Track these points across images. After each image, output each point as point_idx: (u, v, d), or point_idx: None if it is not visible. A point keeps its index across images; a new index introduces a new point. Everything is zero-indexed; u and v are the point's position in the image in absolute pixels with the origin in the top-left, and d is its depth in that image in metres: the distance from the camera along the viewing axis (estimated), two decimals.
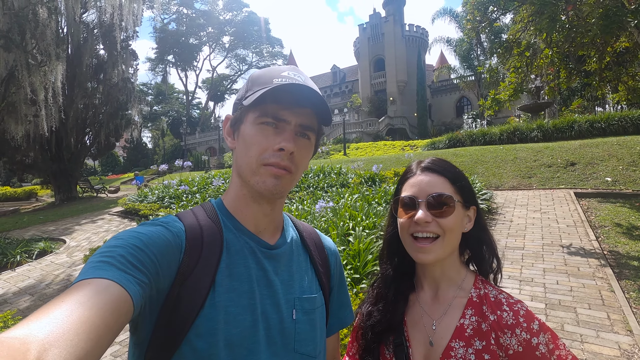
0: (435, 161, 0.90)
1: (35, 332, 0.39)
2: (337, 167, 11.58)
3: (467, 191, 0.88)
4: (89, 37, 15.95)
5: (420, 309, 0.90)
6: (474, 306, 0.83)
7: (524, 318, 0.77)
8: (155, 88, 55.71)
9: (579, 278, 4.24)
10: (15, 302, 5.11)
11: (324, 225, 5.23)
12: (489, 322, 0.79)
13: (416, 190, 0.86)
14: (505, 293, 0.84)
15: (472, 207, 0.89)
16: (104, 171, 43.37)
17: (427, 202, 0.83)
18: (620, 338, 3.05)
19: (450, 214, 0.83)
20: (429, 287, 0.90)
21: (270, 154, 0.70)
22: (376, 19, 44.46)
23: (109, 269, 0.51)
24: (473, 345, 0.79)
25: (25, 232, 10.46)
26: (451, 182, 0.86)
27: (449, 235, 0.83)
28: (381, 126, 36.37)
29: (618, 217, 6.29)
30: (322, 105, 0.72)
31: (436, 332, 0.84)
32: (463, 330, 0.81)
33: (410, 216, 0.85)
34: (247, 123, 0.72)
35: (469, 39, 27.41)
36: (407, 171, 0.92)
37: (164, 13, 48.89)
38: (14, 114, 12.61)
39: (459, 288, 0.87)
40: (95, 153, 19.50)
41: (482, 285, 0.86)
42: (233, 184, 0.77)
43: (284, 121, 0.70)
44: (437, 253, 0.83)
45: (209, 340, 0.62)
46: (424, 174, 0.87)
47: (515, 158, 10.94)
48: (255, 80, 0.73)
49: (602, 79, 8.25)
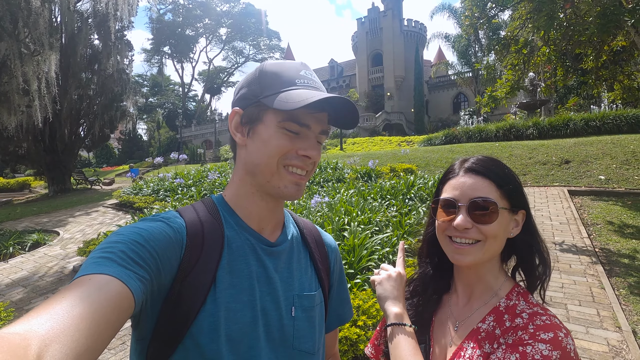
0: (480, 161, 0.82)
1: (36, 327, 0.39)
2: (334, 162, 11.57)
3: (516, 195, 0.81)
4: (83, 27, 15.68)
5: (449, 310, 0.88)
6: (496, 314, 0.79)
7: (535, 327, 0.69)
8: (150, 79, 55.12)
9: (570, 275, 4.29)
10: (8, 294, 5.08)
11: (319, 220, 5.24)
12: (503, 328, 0.76)
13: (458, 193, 0.80)
14: (538, 307, 0.76)
15: (521, 212, 0.82)
16: (98, 163, 43.02)
17: (468, 207, 0.78)
18: (609, 334, 3.10)
19: (493, 220, 0.77)
20: (463, 291, 0.87)
21: (293, 156, 0.70)
22: (375, 13, 44.20)
23: (109, 264, 0.51)
24: (482, 347, 0.76)
25: (18, 223, 10.37)
26: (497, 186, 0.79)
27: (491, 241, 0.78)
28: (378, 121, 36.35)
29: (610, 215, 6.36)
30: (350, 109, 0.73)
31: (457, 332, 0.83)
32: (478, 333, 0.79)
33: (449, 220, 0.81)
34: (267, 124, 0.70)
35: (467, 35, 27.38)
36: (449, 171, 0.86)
37: (160, 3, 48.30)
38: (7, 104, 12.42)
39: (493, 295, 0.82)
40: (89, 145, 19.30)
41: (515, 297, 0.80)
42: (238, 180, 0.76)
43: (307, 126, 0.70)
44: (475, 256, 0.78)
45: (211, 336, 0.63)
46: (467, 175, 0.81)
47: (511, 155, 10.99)
48: (274, 77, 0.71)
49: (598, 77, 8.30)
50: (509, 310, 0.78)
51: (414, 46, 42.59)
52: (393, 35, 42.46)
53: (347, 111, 0.73)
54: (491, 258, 0.82)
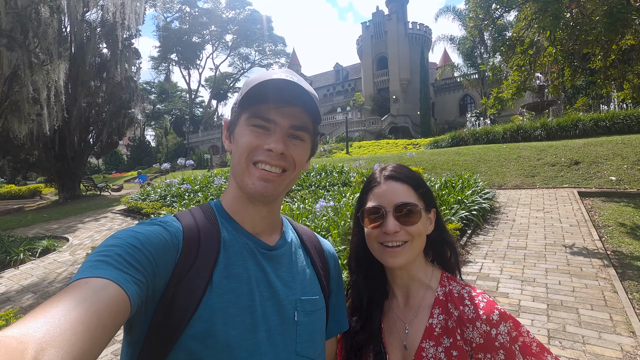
0: (397, 168, 0.90)
1: (33, 331, 0.39)
2: (339, 166, 11.55)
3: (429, 195, 0.90)
4: (91, 36, 15.97)
5: (394, 314, 0.90)
6: (440, 305, 0.85)
7: (483, 310, 0.78)
8: (158, 86, 55.83)
9: (581, 278, 4.20)
10: (18, 300, 5.14)
11: (325, 224, 5.21)
12: (454, 319, 0.81)
13: (382, 200, 0.86)
14: (468, 287, 0.86)
15: (433, 210, 0.91)
16: (107, 169, 43.56)
17: (395, 211, 0.84)
18: (622, 339, 3.02)
19: (417, 220, 0.85)
20: (400, 292, 0.92)
21: (260, 152, 0.71)
22: (379, 16, 44.29)
23: (106, 268, 0.51)
24: (442, 343, 0.80)
25: (29, 230, 10.52)
26: (414, 189, 0.87)
27: (417, 240, 0.85)
28: (384, 124, 36.27)
29: (622, 217, 6.23)
30: (311, 102, 0.72)
31: (409, 335, 0.85)
32: (432, 329, 0.82)
33: (377, 225, 0.86)
34: (239, 125, 0.74)
35: (472, 37, 27.24)
36: (371, 180, 0.92)
37: (166, 11, 49.02)
38: (17, 113, 12.67)
39: (428, 287, 0.89)
40: (98, 151, 19.56)
41: (447, 282, 0.88)
42: (230, 186, 0.78)
43: (273, 122, 0.71)
44: (406, 256, 0.85)
45: (205, 342, 0.61)
46: (387, 182, 0.88)
47: (519, 157, 10.87)
48: (248, 83, 0.73)
49: (607, 77, 8.15)
50: (448, 296, 0.85)
51: (419, 49, 42.51)
52: (398, 39, 42.45)
53: (312, 103, 0.72)
54: (418, 256, 0.89)
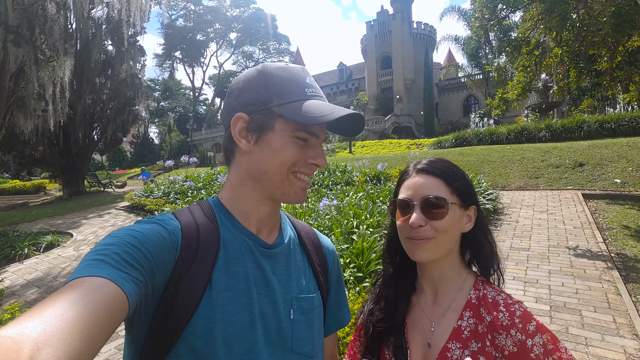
0: (431, 162, 0.88)
1: (28, 331, 0.38)
2: (342, 165, 11.56)
3: (465, 191, 0.86)
4: (97, 33, 16.05)
5: (421, 310, 0.89)
6: (472, 308, 0.82)
7: (520, 319, 0.76)
8: (162, 84, 55.97)
9: (585, 280, 4.19)
10: (23, 295, 5.18)
11: (327, 223, 5.22)
12: (485, 324, 0.78)
13: (411, 192, 0.85)
14: (504, 294, 0.83)
15: (472, 207, 0.87)
16: (111, 166, 43.75)
17: (421, 205, 0.82)
18: (626, 342, 3.01)
19: (443, 216, 0.81)
20: (429, 289, 0.90)
21: (302, 164, 0.72)
22: (384, 16, 44.14)
23: (103, 267, 0.51)
24: (469, 347, 0.78)
25: (33, 225, 10.60)
26: (446, 183, 0.84)
27: (442, 237, 0.82)
28: (387, 124, 36.21)
29: (626, 219, 6.20)
30: (359, 121, 0.76)
31: (434, 333, 0.84)
32: (460, 332, 0.80)
33: (406, 219, 0.84)
34: (279, 132, 0.70)
35: (477, 37, 27.12)
36: (404, 172, 0.91)
37: (171, 9, 49.11)
38: (23, 109, 12.74)
39: (459, 290, 0.86)
40: (102, 148, 19.72)
41: (482, 287, 0.85)
42: (238, 184, 0.75)
43: (315, 135, 0.73)
44: (430, 252, 0.82)
45: (206, 339, 0.62)
46: (418, 175, 0.86)
47: (523, 158, 10.82)
48: (282, 84, 0.70)
49: (613, 78, 8.10)
50: (482, 300, 0.82)
51: (423, 49, 42.36)
52: (402, 38, 42.31)
53: (356, 123, 0.76)
54: (447, 253, 0.85)
